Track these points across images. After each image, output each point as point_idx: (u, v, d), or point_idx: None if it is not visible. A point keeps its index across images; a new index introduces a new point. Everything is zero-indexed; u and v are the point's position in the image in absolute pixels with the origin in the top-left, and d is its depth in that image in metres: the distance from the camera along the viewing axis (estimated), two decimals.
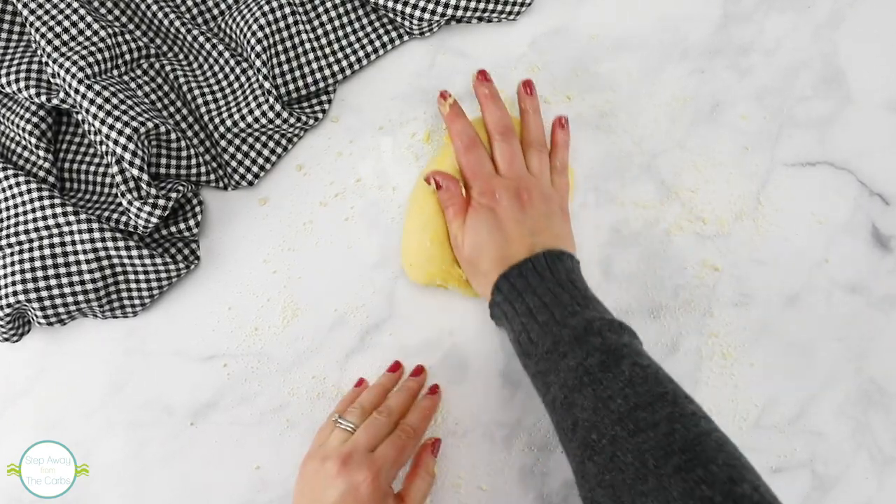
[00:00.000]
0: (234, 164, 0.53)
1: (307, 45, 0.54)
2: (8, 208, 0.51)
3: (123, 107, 0.48)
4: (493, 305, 0.45)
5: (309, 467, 0.44)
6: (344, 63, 0.55)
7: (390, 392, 0.49)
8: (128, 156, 0.47)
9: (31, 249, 0.49)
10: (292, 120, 0.52)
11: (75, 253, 0.49)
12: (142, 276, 0.51)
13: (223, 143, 0.53)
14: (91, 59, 0.49)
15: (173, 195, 0.49)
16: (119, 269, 0.51)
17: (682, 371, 0.51)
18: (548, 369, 0.41)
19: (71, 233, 0.49)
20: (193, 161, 0.52)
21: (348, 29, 0.55)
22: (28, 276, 0.49)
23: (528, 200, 0.47)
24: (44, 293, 0.49)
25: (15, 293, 0.49)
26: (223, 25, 0.54)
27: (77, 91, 0.48)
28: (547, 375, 0.41)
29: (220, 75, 0.54)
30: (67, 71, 0.48)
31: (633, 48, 0.56)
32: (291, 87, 0.53)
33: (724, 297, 0.52)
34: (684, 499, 0.32)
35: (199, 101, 0.53)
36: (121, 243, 0.49)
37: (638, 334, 0.43)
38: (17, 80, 0.51)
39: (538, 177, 0.49)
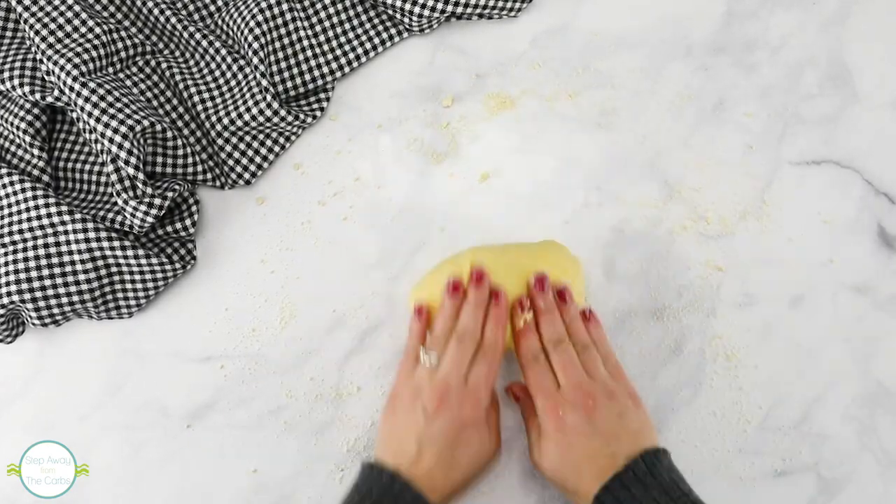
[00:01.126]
0: (230, 162, 0.53)
1: (305, 42, 0.54)
2: (1, 208, 0.51)
3: (119, 105, 0.48)
4: None
5: (399, 405, 0.44)
6: (342, 60, 0.55)
7: (462, 310, 0.47)
8: (123, 154, 0.47)
9: (24, 249, 0.49)
10: (290, 118, 0.52)
11: (70, 253, 0.49)
12: (137, 277, 0.51)
13: (220, 141, 0.53)
14: (86, 57, 0.49)
15: (169, 194, 0.49)
16: (114, 269, 0.50)
17: (685, 373, 0.51)
18: None
19: (66, 232, 0.49)
20: (190, 160, 0.52)
21: (347, 26, 0.55)
22: (22, 276, 0.49)
23: (594, 407, 0.44)
24: (38, 294, 0.49)
25: (9, 294, 0.48)
26: (220, 22, 0.54)
27: (72, 89, 0.48)
28: None
29: (217, 73, 0.54)
30: (62, 68, 0.48)
31: (636, 45, 0.56)
32: (289, 84, 0.53)
33: (728, 298, 0.52)
34: None
35: (196, 98, 0.53)
36: (116, 243, 0.49)
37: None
38: (10, 78, 0.51)
39: (597, 376, 0.46)
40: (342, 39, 0.55)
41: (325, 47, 0.55)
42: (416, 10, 0.53)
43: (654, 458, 0.42)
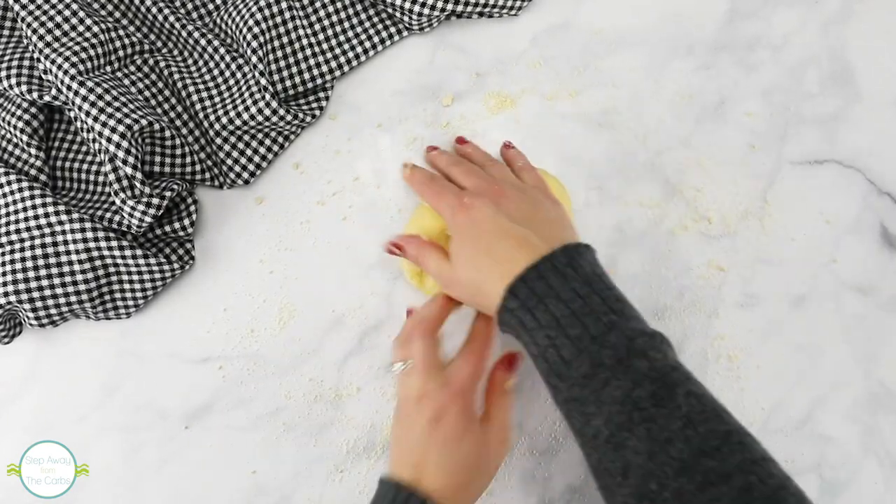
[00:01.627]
0: (229, 162, 0.53)
1: (304, 41, 0.54)
2: None
3: (117, 104, 0.48)
4: (506, 312, 0.39)
5: (399, 409, 0.43)
6: (342, 59, 0.54)
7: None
8: (121, 154, 0.47)
9: (22, 249, 0.49)
10: (289, 117, 0.52)
11: (67, 253, 0.49)
12: (135, 277, 0.51)
13: (218, 140, 0.53)
14: (84, 55, 0.49)
15: (167, 194, 0.49)
16: (112, 269, 0.50)
17: None
18: (585, 398, 0.36)
19: (63, 232, 0.49)
20: (188, 159, 0.52)
21: (346, 24, 0.55)
22: (19, 276, 0.48)
23: (501, 193, 0.44)
24: (35, 294, 0.49)
25: (6, 294, 0.48)
26: (218, 21, 0.54)
27: (69, 88, 0.48)
28: (585, 405, 0.36)
29: (216, 72, 0.54)
30: (59, 67, 0.48)
31: (637, 44, 0.56)
32: (288, 83, 0.53)
33: (730, 299, 0.52)
34: None
35: (194, 97, 0.53)
36: (114, 243, 0.49)
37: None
38: (8, 77, 0.50)
39: (504, 177, 0.47)
40: (342, 38, 0.55)
41: (325, 46, 0.54)
42: (417, 8, 0.53)
43: (575, 251, 0.40)
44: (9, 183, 0.50)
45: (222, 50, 0.53)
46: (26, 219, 0.50)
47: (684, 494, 0.32)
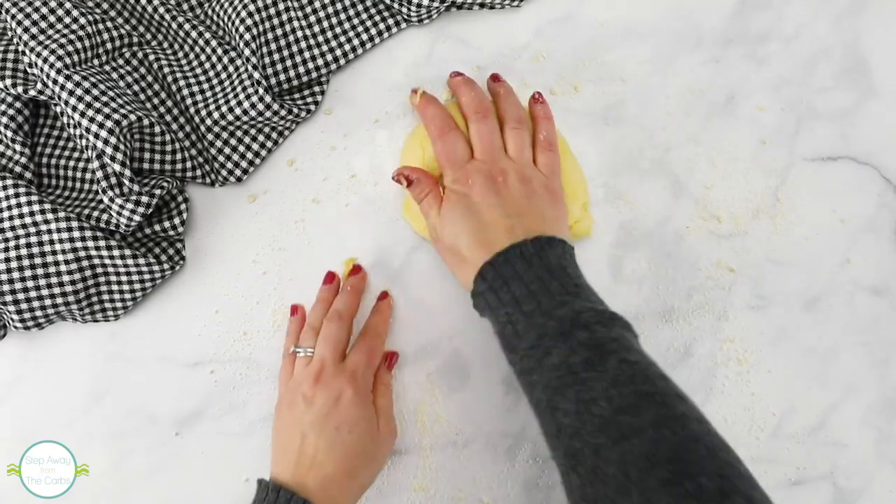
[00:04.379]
0: (221, 158, 0.53)
1: (299, 33, 0.53)
2: None
3: (104, 98, 0.48)
4: (477, 295, 0.44)
5: (283, 404, 0.46)
6: (338, 52, 0.54)
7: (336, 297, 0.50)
8: (109, 150, 0.47)
9: (6, 249, 0.49)
10: (283, 112, 0.52)
11: (53, 253, 0.49)
12: (124, 278, 0.51)
13: (210, 136, 0.53)
14: (70, 48, 0.49)
15: (157, 192, 0.49)
16: (100, 270, 0.50)
17: (695, 378, 0.51)
18: (532, 367, 0.39)
19: (49, 231, 0.49)
20: (179, 156, 0.52)
21: (342, 16, 0.55)
22: (3, 277, 0.48)
23: (503, 183, 0.46)
24: (20, 296, 0.49)
25: None
26: (210, 12, 0.54)
27: (55, 82, 0.48)
28: (531, 374, 0.39)
29: (207, 65, 0.53)
30: (45, 60, 0.48)
31: (644, 36, 0.56)
32: (282, 77, 0.53)
33: (740, 300, 0.52)
34: None
35: (185, 92, 0.53)
36: (102, 243, 0.49)
37: (634, 327, 0.41)
38: None
39: (516, 157, 0.48)
40: (337, 30, 0.55)
41: (320, 38, 0.54)
42: None
43: (547, 243, 0.43)
44: None
45: (214, 42, 0.53)
46: (10, 217, 0.49)
47: (600, 449, 0.34)
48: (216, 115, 0.52)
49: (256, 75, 0.51)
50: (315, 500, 0.42)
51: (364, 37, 0.55)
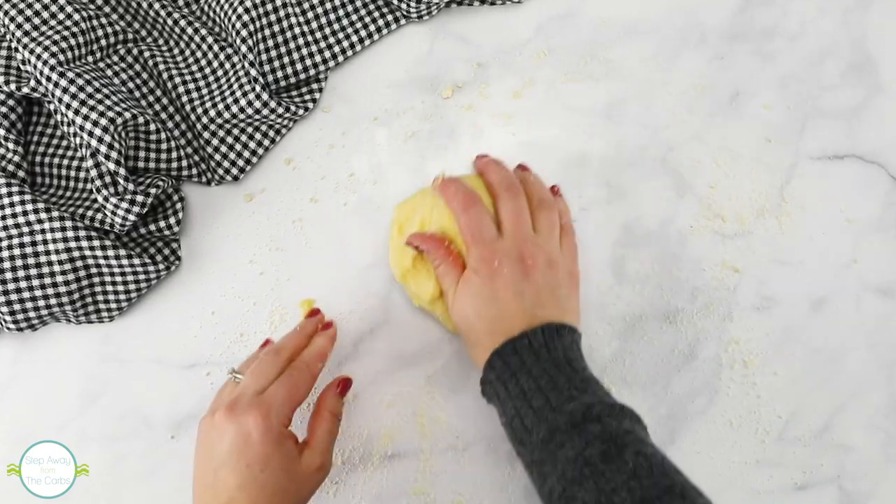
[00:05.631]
0: (217, 157, 0.53)
1: (296, 30, 0.53)
2: None
3: (99, 96, 0.47)
4: (486, 384, 0.44)
5: (202, 426, 0.43)
6: (336, 49, 0.54)
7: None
8: (103, 148, 0.47)
9: None
10: (280, 110, 0.51)
11: (47, 253, 0.49)
12: (118, 279, 0.50)
13: (206, 134, 0.53)
14: (64, 45, 0.49)
15: (152, 191, 0.49)
16: (94, 270, 0.50)
17: (699, 380, 0.51)
18: (544, 459, 0.40)
19: (42, 231, 0.49)
20: (174, 154, 0.52)
21: (341, 12, 0.55)
22: None
23: (533, 267, 0.45)
24: (13, 296, 0.48)
25: None
26: (206, 9, 0.54)
27: (49, 79, 0.48)
28: (543, 466, 0.40)
29: (203, 62, 0.53)
30: (38, 57, 0.48)
31: (647, 32, 0.56)
32: (280, 74, 0.53)
33: (745, 301, 0.52)
34: None
35: (181, 89, 0.53)
36: (96, 243, 0.49)
37: (640, 416, 0.42)
38: None
39: (546, 238, 0.47)
40: (336, 27, 0.55)
41: (318, 35, 0.54)
42: None
43: (556, 332, 0.43)
44: None
45: (210, 39, 0.53)
46: (3, 217, 0.49)
47: None
48: (212, 112, 0.52)
49: (253, 72, 0.51)
50: None
51: (363, 33, 0.55)
